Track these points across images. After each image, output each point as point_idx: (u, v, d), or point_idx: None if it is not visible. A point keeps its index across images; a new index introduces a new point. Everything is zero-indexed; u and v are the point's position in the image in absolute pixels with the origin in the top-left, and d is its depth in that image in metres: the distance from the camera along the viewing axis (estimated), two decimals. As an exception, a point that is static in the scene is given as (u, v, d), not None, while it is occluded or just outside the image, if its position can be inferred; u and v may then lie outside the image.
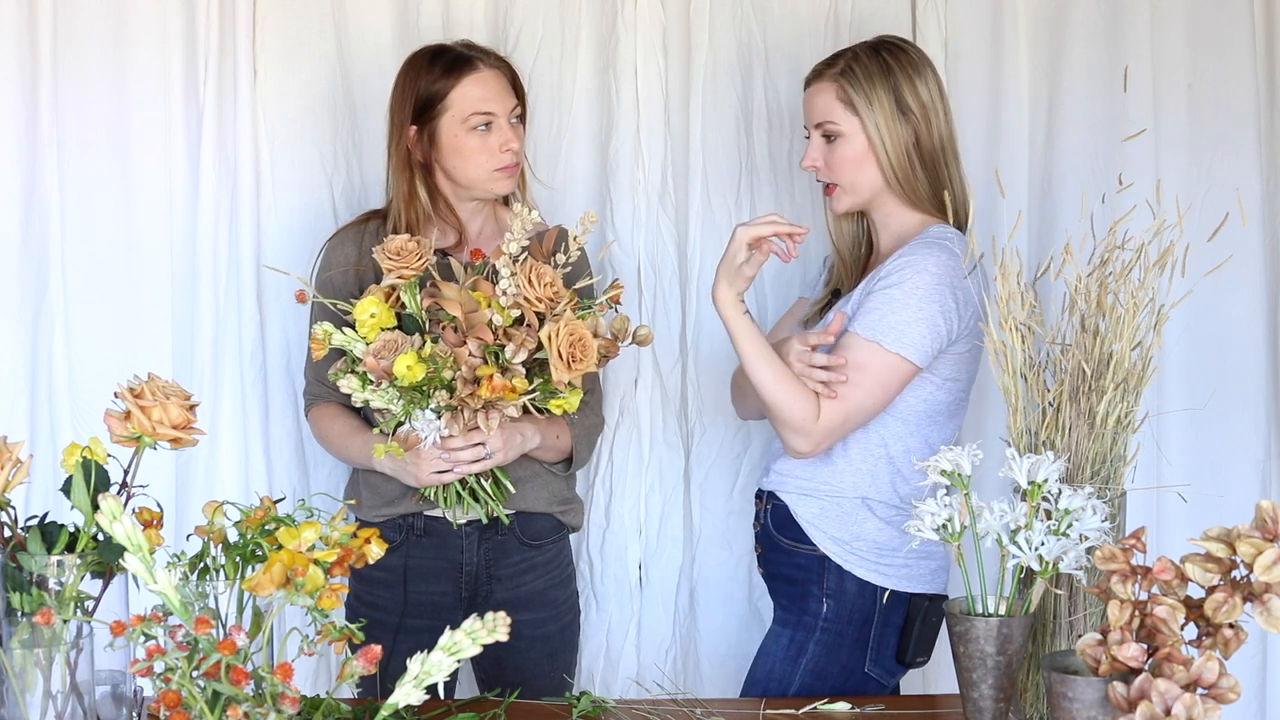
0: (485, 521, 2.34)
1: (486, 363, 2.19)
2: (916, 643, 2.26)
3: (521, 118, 2.49)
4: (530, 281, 2.11)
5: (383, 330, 2.23)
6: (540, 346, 2.19)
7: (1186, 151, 2.75)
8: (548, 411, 2.31)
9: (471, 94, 2.40)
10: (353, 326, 2.33)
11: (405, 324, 2.26)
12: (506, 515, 2.35)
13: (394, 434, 2.26)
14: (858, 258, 2.42)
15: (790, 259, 2.23)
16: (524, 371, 2.20)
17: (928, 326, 2.18)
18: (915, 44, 2.37)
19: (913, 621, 2.25)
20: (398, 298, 2.27)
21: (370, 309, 2.19)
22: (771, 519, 2.34)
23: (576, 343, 2.15)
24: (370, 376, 2.23)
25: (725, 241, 2.80)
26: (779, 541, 2.33)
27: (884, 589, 2.25)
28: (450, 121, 2.41)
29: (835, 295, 2.40)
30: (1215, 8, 2.74)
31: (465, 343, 2.16)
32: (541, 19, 2.78)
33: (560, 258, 2.25)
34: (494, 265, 2.24)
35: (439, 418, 2.21)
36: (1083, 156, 2.74)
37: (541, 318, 2.19)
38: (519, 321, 2.20)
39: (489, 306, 2.18)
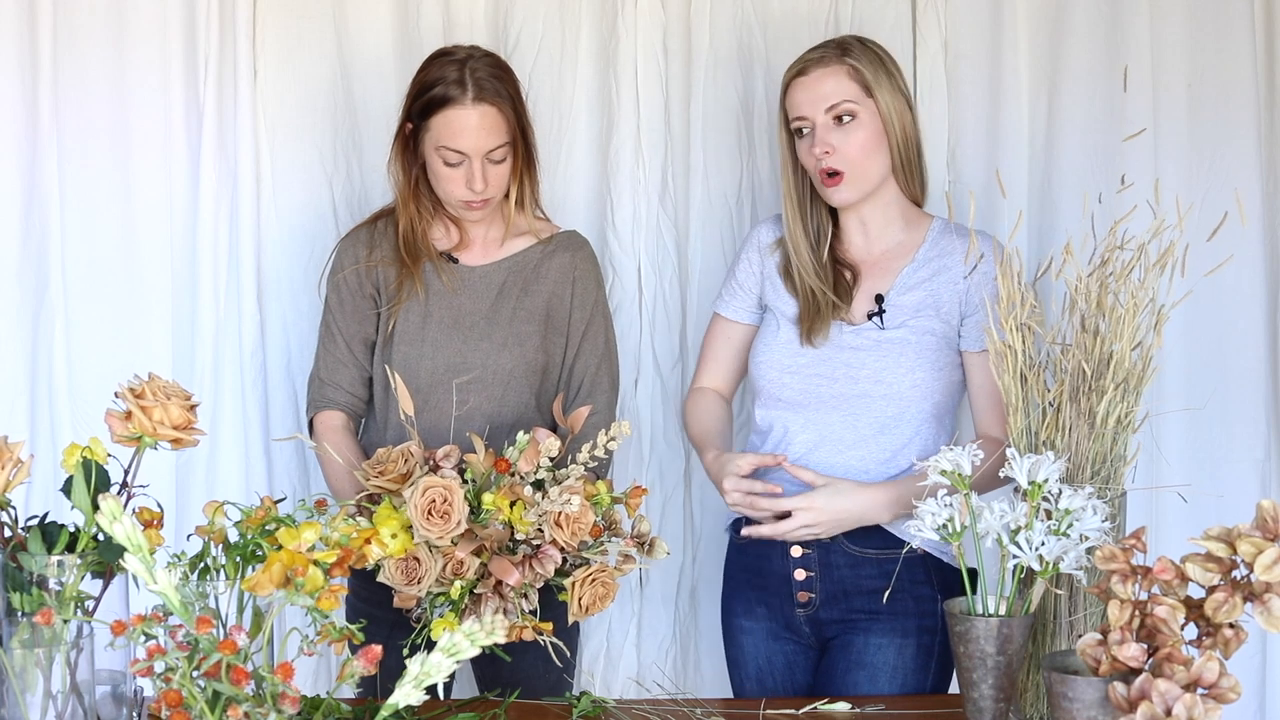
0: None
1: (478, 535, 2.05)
2: None
3: (512, 155, 2.43)
4: (559, 524, 2.05)
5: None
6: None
7: (1186, 151, 2.75)
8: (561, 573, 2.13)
9: (447, 128, 2.37)
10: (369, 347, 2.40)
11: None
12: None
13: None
14: (825, 263, 2.36)
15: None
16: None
17: None
18: (893, 43, 2.41)
19: None
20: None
21: (390, 530, 2.02)
22: (847, 537, 2.27)
23: (599, 595, 2.10)
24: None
25: (725, 242, 2.83)
26: (862, 555, 2.27)
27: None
28: (428, 141, 2.41)
29: (879, 298, 2.32)
30: (1215, 8, 2.74)
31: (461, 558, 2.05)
32: (541, 19, 2.77)
33: (576, 468, 2.10)
34: (519, 473, 2.10)
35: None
36: (1083, 156, 2.74)
37: (566, 559, 2.08)
38: (528, 543, 2.07)
39: (509, 513, 2.05)
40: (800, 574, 2.32)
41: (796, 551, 2.31)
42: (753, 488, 2.24)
